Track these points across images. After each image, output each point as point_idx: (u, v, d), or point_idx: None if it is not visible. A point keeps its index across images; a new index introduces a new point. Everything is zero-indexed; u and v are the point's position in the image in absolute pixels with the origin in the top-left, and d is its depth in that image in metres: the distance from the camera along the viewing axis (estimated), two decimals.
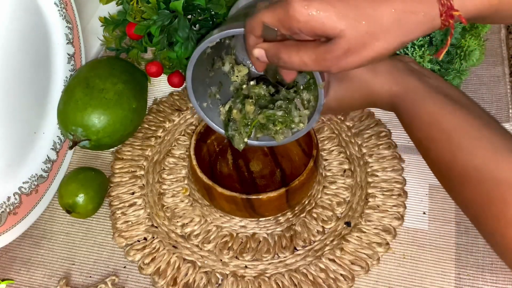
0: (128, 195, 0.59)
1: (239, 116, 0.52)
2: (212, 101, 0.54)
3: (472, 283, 0.50)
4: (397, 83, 0.48)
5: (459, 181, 0.42)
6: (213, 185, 0.51)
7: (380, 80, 0.48)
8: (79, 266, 0.55)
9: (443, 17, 0.38)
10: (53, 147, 0.60)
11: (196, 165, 0.53)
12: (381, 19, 0.37)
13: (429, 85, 0.47)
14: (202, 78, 0.52)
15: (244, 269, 0.53)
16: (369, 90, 0.49)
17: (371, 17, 0.37)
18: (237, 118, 0.52)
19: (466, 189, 0.41)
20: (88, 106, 0.56)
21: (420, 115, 0.45)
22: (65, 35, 0.60)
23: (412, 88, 0.47)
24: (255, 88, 0.52)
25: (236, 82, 0.54)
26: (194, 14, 0.65)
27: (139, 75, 0.63)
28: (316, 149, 0.53)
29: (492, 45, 0.67)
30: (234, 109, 0.52)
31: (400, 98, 0.47)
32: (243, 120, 0.51)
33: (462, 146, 0.42)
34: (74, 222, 0.58)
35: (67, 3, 0.59)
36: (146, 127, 0.64)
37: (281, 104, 0.50)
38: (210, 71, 0.53)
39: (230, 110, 0.53)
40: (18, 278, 0.54)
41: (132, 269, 0.54)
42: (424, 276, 0.51)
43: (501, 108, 0.61)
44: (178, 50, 0.63)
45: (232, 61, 0.54)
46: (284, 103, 0.50)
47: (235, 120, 0.52)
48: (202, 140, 0.57)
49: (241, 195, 0.50)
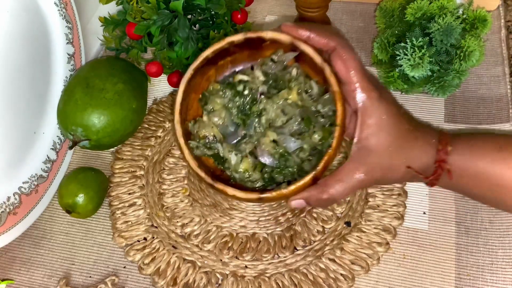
0: (128, 195, 0.59)
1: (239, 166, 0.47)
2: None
3: (473, 283, 0.50)
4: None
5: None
6: (224, 188, 0.44)
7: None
8: (79, 266, 0.55)
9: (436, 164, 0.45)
10: (53, 147, 0.60)
11: (197, 168, 0.46)
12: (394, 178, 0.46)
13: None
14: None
15: (244, 269, 0.53)
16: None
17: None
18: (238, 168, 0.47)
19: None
20: (88, 106, 0.56)
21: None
22: (65, 35, 0.60)
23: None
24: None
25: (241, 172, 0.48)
26: (194, 14, 0.65)
27: (139, 75, 0.63)
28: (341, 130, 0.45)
29: (492, 45, 0.67)
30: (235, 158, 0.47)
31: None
32: (244, 173, 0.47)
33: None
34: (74, 222, 0.58)
35: (67, 3, 0.59)
36: (146, 127, 0.64)
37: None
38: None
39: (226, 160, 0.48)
40: (18, 278, 0.54)
41: (132, 269, 0.54)
42: (424, 276, 0.51)
43: (502, 108, 0.61)
44: (178, 50, 0.63)
45: (248, 164, 0.47)
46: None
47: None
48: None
49: (260, 194, 0.44)
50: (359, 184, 0.45)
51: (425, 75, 0.58)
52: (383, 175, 0.45)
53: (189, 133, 0.49)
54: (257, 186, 0.47)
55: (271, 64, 0.48)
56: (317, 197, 0.44)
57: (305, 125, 0.46)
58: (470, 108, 0.62)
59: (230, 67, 0.51)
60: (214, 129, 0.48)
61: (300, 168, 0.46)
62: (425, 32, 0.58)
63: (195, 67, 0.47)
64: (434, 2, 0.58)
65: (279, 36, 0.46)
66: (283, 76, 0.48)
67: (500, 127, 0.60)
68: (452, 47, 0.58)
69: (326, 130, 0.45)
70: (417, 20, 0.59)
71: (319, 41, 0.45)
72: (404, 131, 0.45)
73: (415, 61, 0.56)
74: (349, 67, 0.44)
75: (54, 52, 0.59)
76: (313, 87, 0.47)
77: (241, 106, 0.48)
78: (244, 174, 0.47)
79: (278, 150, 0.46)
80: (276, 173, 0.46)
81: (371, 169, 0.44)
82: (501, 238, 0.52)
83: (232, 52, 0.49)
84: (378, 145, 0.44)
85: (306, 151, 0.46)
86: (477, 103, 0.62)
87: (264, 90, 0.48)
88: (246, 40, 0.47)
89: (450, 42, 0.57)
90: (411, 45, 0.57)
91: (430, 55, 0.57)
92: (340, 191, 0.44)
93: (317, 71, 0.47)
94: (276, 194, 0.44)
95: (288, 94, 0.47)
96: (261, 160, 0.47)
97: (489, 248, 0.52)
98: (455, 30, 0.56)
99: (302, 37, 0.46)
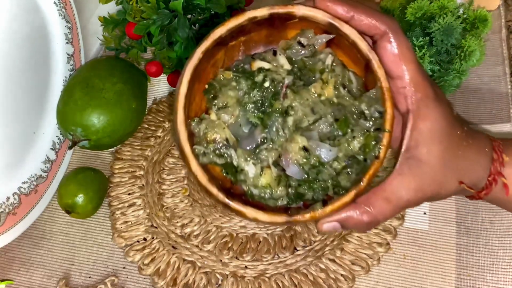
0: (127, 195, 0.59)
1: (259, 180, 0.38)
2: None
3: (473, 283, 0.50)
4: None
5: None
6: (242, 209, 0.36)
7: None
8: (78, 267, 0.54)
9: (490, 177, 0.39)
10: (52, 147, 0.60)
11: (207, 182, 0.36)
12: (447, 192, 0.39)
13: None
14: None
15: (244, 269, 0.53)
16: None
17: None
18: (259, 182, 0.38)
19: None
20: (87, 106, 0.56)
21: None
22: (64, 34, 0.60)
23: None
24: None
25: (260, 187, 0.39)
26: (194, 13, 0.65)
27: (139, 75, 0.63)
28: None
29: (492, 45, 0.67)
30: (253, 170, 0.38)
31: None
32: (265, 188, 0.38)
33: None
34: (73, 223, 0.58)
35: (66, 2, 0.59)
36: (145, 127, 0.64)
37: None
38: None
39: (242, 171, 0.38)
40: (17, 279, 0.54)
41: (132, 270, 0.54)
42: (424, 276, 0.51)
43: (502, 108, 0.61)
44: (178, 49, 0.63)
45: (270, 177, 0.38)
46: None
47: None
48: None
49: (288, 216, 0.36)
50: (408, 204, 0.37)
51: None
52: (435, 192, 0.38)
53: (192, 134, 0.39)
54: (280, 204, 0.38)
55: (298, 48, 0.39)
56: (357, 220, 0.36)
57: (340, 128, 0.37)
58: (470, 108, 0.62)
59: (243, 49, 0.41)
60: (226, 130, 0.38)
61: (335, 182, 0.37)
62: (425, 32, 0.58)
63: (205, 49, 0.37)
64: (435, 2, 0.58)
65: (315, 13, 0.37)
66: (314, 64, 0.39)
67: (500, 127, 0.59)
68: (452, 47, 0.58)
69: (370, 137, 0.37)
70: (417, 19, 0.59)
71: (364, 23, 0.36)
72: (457, 138, 0.38)
73: None
74: (401, 58, 0.36)
75: (54, 52, 0.59)
76: (352, 80, 0.39)
77: (259, 101, 0.38)
78: (266, 189, 0.38)
79: (310, 159, 0.37)
80: (304, 188, 0.37)
81: (423, 184, 0.37)
82: (502, 239, 0.52)
83: (247, 31, 0.39)
84: (430, 155, 0.37)
85: (342, 161, 0.37)
86: (477, 103, 0.62)
87: (289, 82, 0.38)
88: (270, 16, 0.37)
89: (451, 42, 0.57)
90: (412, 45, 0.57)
91: (431, 55, 0.57)
92: (386, 213, 0.37)
93: (355, 61, 0.39)
94: (309, 217, 0.35)
95: (321, 89, 0.38)
96: (288, 172, 0.37)
97: (490, 249, 0.51)
98: (455, 30, 0.56)
99: (343, 17, 0.36)
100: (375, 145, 0.36)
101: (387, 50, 0.36)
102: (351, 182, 0.37)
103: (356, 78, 0.39)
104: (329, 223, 0.36)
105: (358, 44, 0.37)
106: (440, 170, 0.37)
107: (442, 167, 0.37)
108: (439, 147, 0.37)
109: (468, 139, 0.39)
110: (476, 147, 0.39)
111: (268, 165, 0.38)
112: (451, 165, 0.37)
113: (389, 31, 0.36)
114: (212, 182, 0.36)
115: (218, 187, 0.36)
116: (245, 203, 0.36)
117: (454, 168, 0.38)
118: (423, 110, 0.36)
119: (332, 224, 0.36)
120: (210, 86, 0.40)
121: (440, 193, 0.38)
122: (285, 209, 0.37)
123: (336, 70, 0.38)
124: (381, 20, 0.36)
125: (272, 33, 0.40)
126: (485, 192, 0.40)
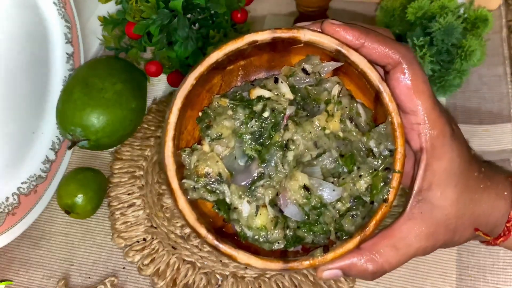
0: (127, 196, 0.58)
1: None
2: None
3: (473, 283, 0.50)
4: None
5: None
6: (233, 253, 0.33)
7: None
8: (78, 267, 0.54)
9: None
10: (51, 147, 0.60)
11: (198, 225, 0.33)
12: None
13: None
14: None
15: (244, 270, 0.52)
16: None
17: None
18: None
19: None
20: (87, 106, 0.56)
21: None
22: (64, 34, 0.59)
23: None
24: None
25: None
26: (194, 13, 0.64)
27: (139, 74, 0.63)
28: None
29: (493, 45, 0.66)
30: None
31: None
32: (260, 230, 0.35)
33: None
34: (73, 223, 0.58)
35: (66, 2, 0.59)
36: (145, 127, 0.64)
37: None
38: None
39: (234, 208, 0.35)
40: (16, 279, 0.54)
41: (131, 270, 0.54)
42: (425, 276, 0.51)
43: (503, 108, 0.61)
44: (177, 49, 0.63)
45: (267, 218, 0.35)
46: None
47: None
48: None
49: (285, 262, 0.33)
50: (418, 252, 0.34)
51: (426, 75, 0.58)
52: (448, 239, 0.35)
53: (181, 165, 0.36)
54: (276, 248, 0.35)
55: (302, 75, 0.36)
56: (361, 269, 0.33)
57: (345, 164, 0.34)
58: (471, 108, 0.62)
59: (242, 74, 0.38)
60: (220, 164, 0.35)
61: (338, 225, 0.34)
62: (426, 31, 0.58)
63: (198, 74, 0.34)
64: (435, 2, 0.58)
65: (321, 39, 0.33)
66: (319, 94, 0.36)
67: (501, 127, 0.59)
68: (453, 47, 0.58)
69: (379, 177, 0.33)
70: (418, 19, 0.59)
71: (376, 51, 0.33)
72: (474, 180, 0.35)
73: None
74: (415, 91, 0.33)
75: (53, 52, 0.59)
76: (361, 113, 0.35)
77: (257, 132, 0.35)
78: (261, 232, 0.34)
79: (311, 200, 0.33)
80: (303, 231, 0.34)
81: (435, 231, 0.34)
82: None
83: (247, 55, 0.36)
84: (444, 199, 0.34)
85: (346, 202, 0.34)
86: (478, 103, 0.62)
87: (291, 113, 0.35)
88: (273, 40, 0.34)
89: (451, 42, 0.57)
90: (412, 44, 0.57)
91: (431, 55, 0.57)
92: (393, 262, 0.34)
93: (364, 91, 0.36)
94: (308, 264, 0.32)
95: (326, 122, 0.34)
96: (286, 213, 0.34)
97: (490, 249, 0.51)
98: (456, 30, 0.56)
99: (353, 44, 0.33)
100: (383, 187, 0.33)
101: (400, 82, 0.33)
102: (355, 226, 0.33)
103: (365, 111, 0.36)
104: (330, 270, 0.34)
105: (368, 74, 0.33)
106: (455, 216, 0.34)
107: (457, 212, 0.34)
108: (454, 190, 0.34)
109: (486, 181, 0.36)
110: (494, 190, 0.36)
111: (264, 204, 0.34)
112: (467, 211, 0.35)
113: (403, 61, 0.33)
114: (201, 221, 0.33)
115: (207, 226, 0.33)
116: (238, 245, 0.33)
117: (470, 214, 0.35)
118: (438, 149, 0.33)
119: (333, 271, 0.34)
120: (204, 114, 0.37)
121: (454, 241, 0.36)
122: (282, 253, 0.34)
123: (343, 102, 0.35)
124: (394, 48, 0.33)
125: (275, 57, 0.37)
126: (503, 239, 0.37)
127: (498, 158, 0.57)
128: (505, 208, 0.36)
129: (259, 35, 0.33)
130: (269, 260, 0.32)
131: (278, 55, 0.37)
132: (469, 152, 0.35)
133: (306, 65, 0.36)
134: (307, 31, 0.33)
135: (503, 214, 0.36)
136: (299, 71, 0.36)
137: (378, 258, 0.33)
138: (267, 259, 0.32)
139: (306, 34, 0.33)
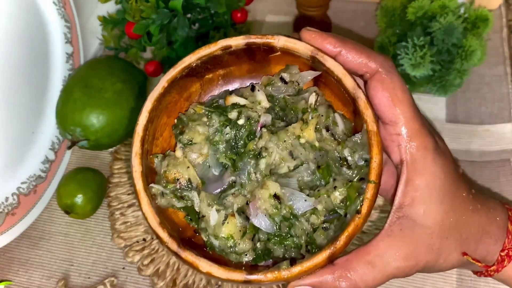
0: (127, 196, 0.58)
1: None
2: None
3: (474, 283, 0.50)
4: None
5: None
6: (194, 261, 0.31)
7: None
8: (77, 267, 0.54)
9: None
10: (51, 147, 0.59)
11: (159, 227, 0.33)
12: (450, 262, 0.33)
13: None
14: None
15: None
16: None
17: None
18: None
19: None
20: (86, 105, 0.56)
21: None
22: (63, 34, 0.59)
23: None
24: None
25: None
26: (194, 13, 0.64)
27: (138, 74, 0.63)
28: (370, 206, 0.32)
29: (494, 45, 0.66)
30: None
31: None
32: (227, 240, 0.33)
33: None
34: (72, 223, 0.57)
35: (65, 2, 0.59)
36: None
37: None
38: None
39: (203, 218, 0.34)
40: (16, 279, 0.54)
41: (131, 270, 0.53)
42: (425, 276, 0.50)
43: (503, 108, 0.61)
44: (177, 49, 0.62)
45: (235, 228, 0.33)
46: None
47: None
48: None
49: (247, 274, 0.31)
50: (397, 272, 0.31)
51: (427, 75, 0.58)
52: (431, 261, 0.32)
53: (154, 172, 0.35)
54: (244, 261, 0.33)
55: (280, 85, 0.35)
56: (333, 285, 0.31)
57: (322, 177, 0.33)
58: (471, 108, 0.62)
59: (222, 84, 0.38)
60: (191, 170, 0.34)
61: (310, 239, 0.33)
62: (426, 31, 0.58)
63: (170, 77, 0.34)
64: (436, 1, 0.58)
65: (296, 46, 0.33)
66: (296, 103, 0.35)
67: (501, 127, 0.59)
68: (453, 46, 0.57)
69: (353, 188, 0.32)
70: (418, 19, 0.59)
71: (354, 60, 0.32)
72: (462, 200, 0.33)
73: (417, 60, 0.56)
74: (395, 101, 0.31)
75: (53, 52, 0.59)
76: (338, 122, 0.34)
77: (233, 141, 0.35)
78: (227, 241, 0.33)
79: (281, 210, 0.32)
80: (274, 244, 0.33)
81: (416, 251, 0.31)
82: None
83: (226, 63, 0.36)
84: (427, 217, 0.31)
85: (321, 215, 0.33)
86: (478, 103, 0.62)
87: (267, 121, 0.34)
88: (247, 46, 0.33)
89: (452, 42, 0.57)
90: (412, 44, 0.57)
91: (432, 55, 0.57)
92: (368, 280, 0.31)
93: (344, 102, 0.35)
94: (273, 277, 0.30)
95: (301, 130, 0.33)
96: (254, 222, 0.33)
97: None
98: (456, 29, 0.56)
99: (329, 51, 0.32)
100: (356, 198, 0.31)
101: (378, 91, 0.32)
102: (328, 240, 0.32)
103: (344, 121, 0.35)
104: (300, 287, 0.31)
105: (343, 80, 0.32)
106: (439, 237, 0.32)
107: (442, 233, 0.32)
108: (439, 209, 0.31)
109: (476, 204, 0.34)
110: (485, 214, 0.34)
111: (233, 213, 0.33)
112: (453, 232, 0.32)
113: (381, 69, 0.32)
114: (164, 226, 0.32)
115: (171, 232, 0.32)
116: (206, 256, 0.31)
117: (457, 236, 0.32)
118: (419, 162, 0.31)
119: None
120: (179, 120, 0.36)
121: (438, 264, 0.33)
122: (251, 267, 0.33)
123: (319, 110, 0.34)
124: (372, 57, 0.32)
125: (255, 68, 0.37)
126: (496, 268, 0.35)
127: (498, 158, 0.57)
128: (497, 235, 0.34)
129: (233, 40, 0.33)
130: (231, 270, 0.31)
131: (258, 65, 0.36)
132: (457, 170, 0.33)
133: (284, 74, 0.35)
134: (282, 37, 0.33)
135: (495, 241, 0.34)
136: (278, 81, 0.35)
137: (352, 275, 0.31)
138: (229, 269, 0.31)
139: (281, 40, 0.33)
